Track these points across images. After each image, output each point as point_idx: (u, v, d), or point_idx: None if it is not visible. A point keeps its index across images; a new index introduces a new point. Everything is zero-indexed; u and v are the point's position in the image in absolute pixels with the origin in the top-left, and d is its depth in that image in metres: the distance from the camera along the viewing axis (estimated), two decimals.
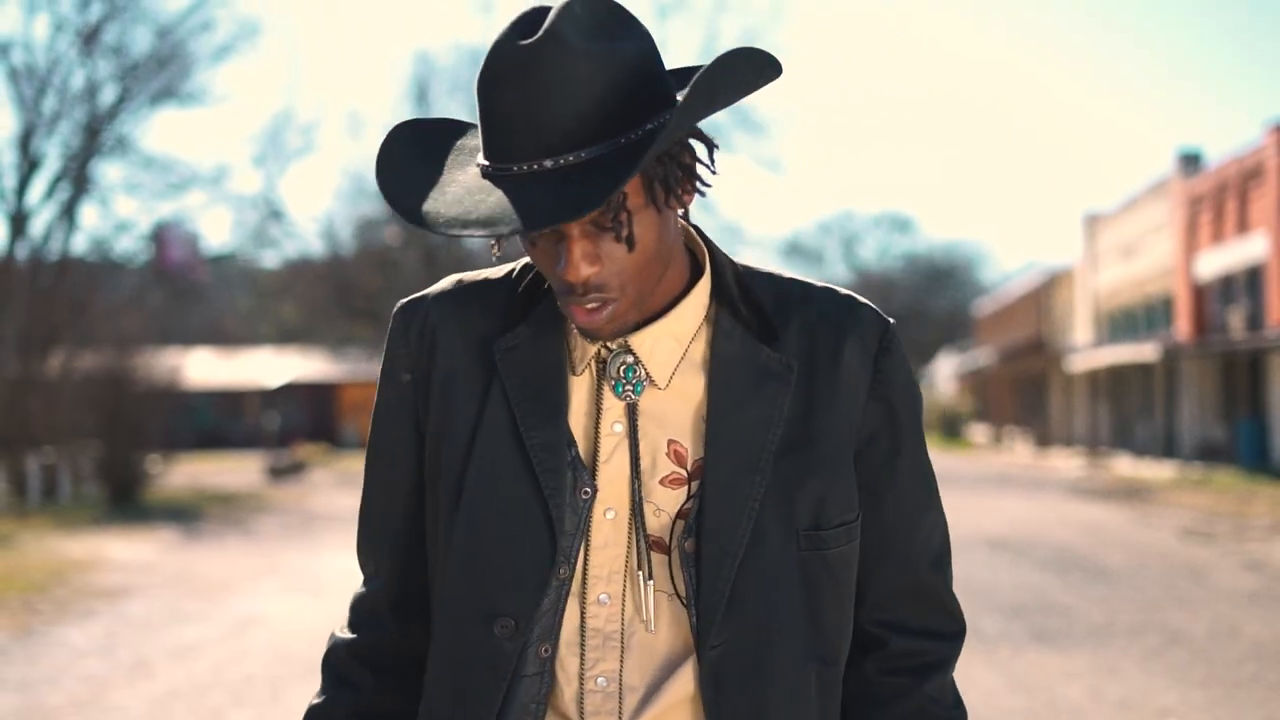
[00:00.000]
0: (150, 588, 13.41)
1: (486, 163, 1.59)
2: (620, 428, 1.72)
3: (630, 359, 1.72)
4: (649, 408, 1.73)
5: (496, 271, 1.83)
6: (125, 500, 24.48)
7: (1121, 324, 42.10)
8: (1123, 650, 9.11)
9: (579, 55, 1.54)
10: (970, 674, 8.15)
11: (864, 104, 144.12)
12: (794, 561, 1.70)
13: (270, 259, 48.00)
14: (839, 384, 1.74)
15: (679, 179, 1.63)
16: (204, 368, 52.15)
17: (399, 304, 1.83)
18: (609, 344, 1.72)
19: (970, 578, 12.41)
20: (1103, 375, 42.90)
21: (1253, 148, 30.97)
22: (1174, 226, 36.47)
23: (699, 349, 1.74)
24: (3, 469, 24.39)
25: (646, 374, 1.72)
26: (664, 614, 1.70)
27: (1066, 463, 38.88)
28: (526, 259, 1.79)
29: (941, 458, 41.81)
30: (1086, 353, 42.17)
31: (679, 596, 1.69)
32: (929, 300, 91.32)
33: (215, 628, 10.89)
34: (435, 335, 1.78)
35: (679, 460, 1.72)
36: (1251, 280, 31.50)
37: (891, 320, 1.81)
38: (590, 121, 1.54)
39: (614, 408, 1.72)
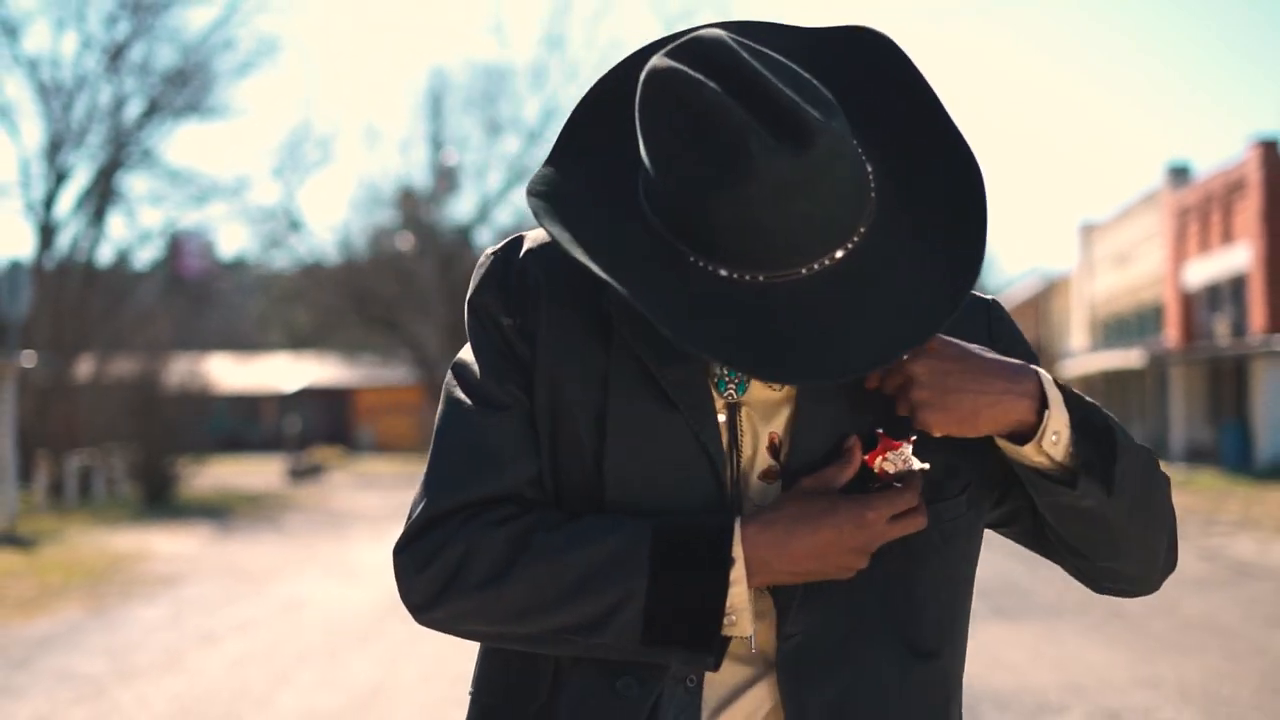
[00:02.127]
0: (201, 575, 14.72)
1: (739, 273, 1.50)
2: (722, 419, 1.63)
3: None
4: (758, 402, 1.64)
5: None
6: (158, 500, 25.79)
7: (1115, 330, 43.37)
8: (1067, 623, 10.40)
9: (846, 147, 1.51)
10: None
11: None
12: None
13: (283, 263, 48.98)
14: None
15: None
16: (222, 373, 53.50)
17: (493, 250, 1.71)
18: None
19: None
20: (1096, 380, 44.14)
21: (1236, 162, 32.24)
22: (1164, 236, 37.74)
23: None
24: (42, 471, 25.70)
25: None
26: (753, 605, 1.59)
27: None
28: None
29: None
30: (1078, 358, 43.43)
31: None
32: None
33: (268, 606, 12.20)
34: (543, 282, 1.65)
35: (774, 452, 1.64)
36: (1236, 289, 32.77)
37: (994, 298, 1.79)
38: (852, 207, 1.52)
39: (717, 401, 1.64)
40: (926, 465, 1.59)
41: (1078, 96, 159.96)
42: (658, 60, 1.51)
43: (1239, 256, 31.90)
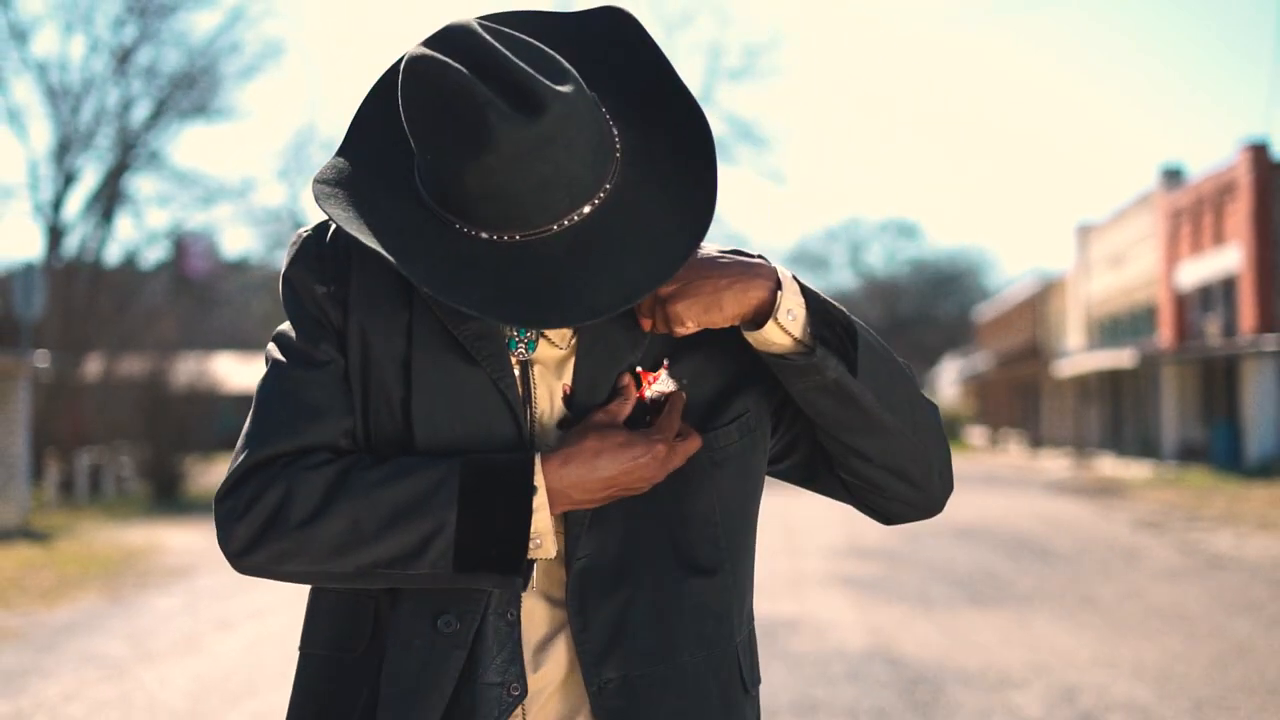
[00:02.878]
0: (212, 567, 15.23)
1: (488, 233, 1.65)
2: (517, 374, 1.77)
3: None
4: (547, 359, 1.79)
5: None
6: (167, 497, 26.29)
7: (1110, 330, 43.86)
8: (1039, 609, 10.93)
9: (582, 110, 1.65)
10: (912, 627, 10.01)
11: (869, 112, 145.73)
12: None
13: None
14: None
15: None
16: (227, 372, 53.84)
17: (304, 230, 1.85)
18: None
19: (932, 557, 14.27)
20: (1092, 379, 44.61)
21: (1227, 164, 32.73)
22: (1157, 238, 38.24)
23: None
24: (52, 468, 26.20)
25: (540, 332, 1.78)
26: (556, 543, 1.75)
27: (1054, 463, 40.65)
28: None
29: None
30: (1073, 358, 43.93)
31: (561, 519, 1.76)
32: (935, 305, 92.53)
33: (279, 595, 12.71)
34: (350, 252, 1.79)
35: (568, 403, 1.79)
36: (1227, 290, 33.28)
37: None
38: (594, 166, 1.67)
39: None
40: (684, 381, 1.80)
41: (1077, 98, 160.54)
42: (413, 49, 1.67)
43: (1230, 258, 32.42)
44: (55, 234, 33.24)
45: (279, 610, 11.77)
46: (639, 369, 1.79)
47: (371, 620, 1.76)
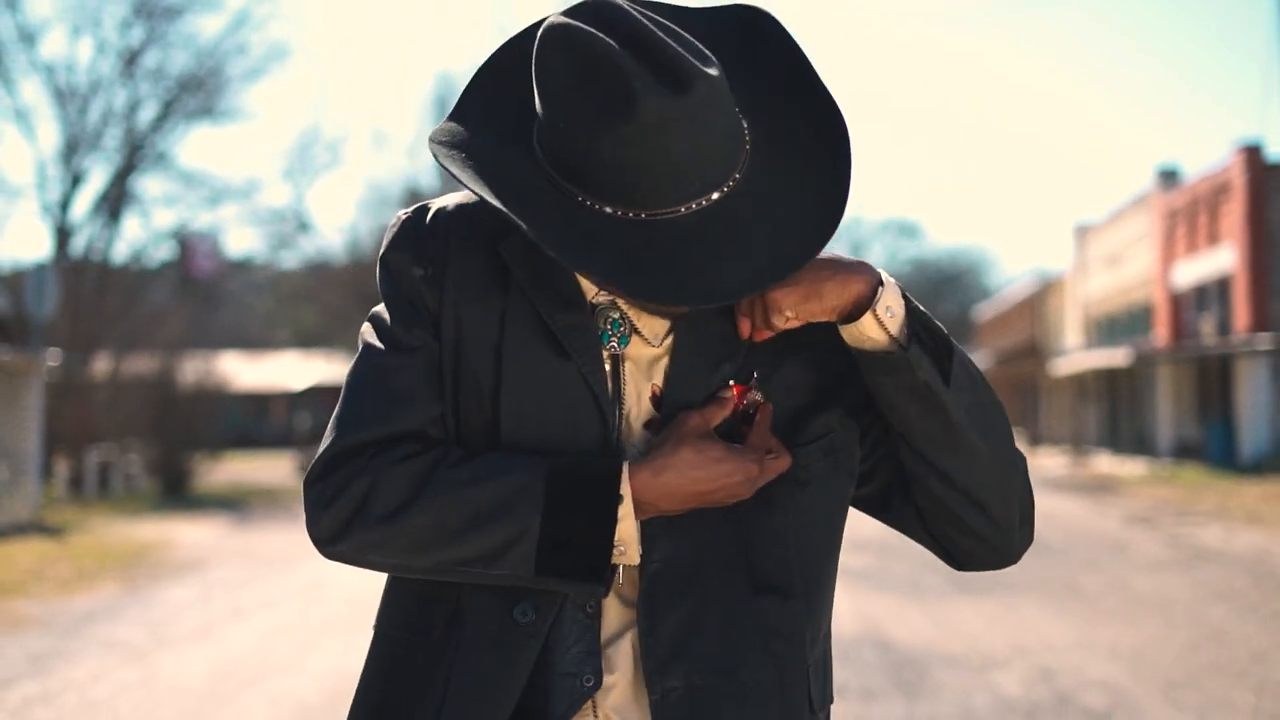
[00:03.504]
0: (223, 560, 15.64)
1: (626, 211, 1.62)
2: (607, 369, 1.76)
3: (616, 314, 1.76)
4: (638, 356, 1.77)
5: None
6: (175, 493, 26.71)
7: (1107, 329, 44.24)
8: (1026, 598, 11.33)
9: (723, 95, 1.64)
10: (902, 614, 10.41)
11: (870, 113, 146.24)
12: None
13: (291, 262, 49.58)
14: (823, 326, 1.79)
15: None
16: (232, 371, 54.26)
17: (404, 212, 1.84)
18: (598, 297, 1.77)
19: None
20: (1089, 378, 44.98)
21: (1222, 166, 33.11)
22: (1153, 238, 38.62)
23: None
24: (61, 465, 26.56)
25: (634, 328, 1.76)
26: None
27: (1052, 460, 41.05)
28: None
29: None
30: (1070, 356, 44.32)
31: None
32: (936, 305, 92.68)
33: (291, 586, 13.13)
34: (449, 237, 1.79)
35: (656, 404, 1.77)
36: (1221, 289, 33.66)
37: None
38: (728, 152, 1.66)
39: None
40: (768, 395, 1.79)
41: (1077, 98, 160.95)
42: (553, 18, 1.65)
43: (1224, 258, 32.80)
44: (63, 234, 33.55)
45: (290, 600, 12.17)
46: (730, 381, 1.77)
47: (450, 605, 1.75)
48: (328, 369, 59.95)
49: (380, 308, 1.81)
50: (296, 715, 7.41)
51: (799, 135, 1.71)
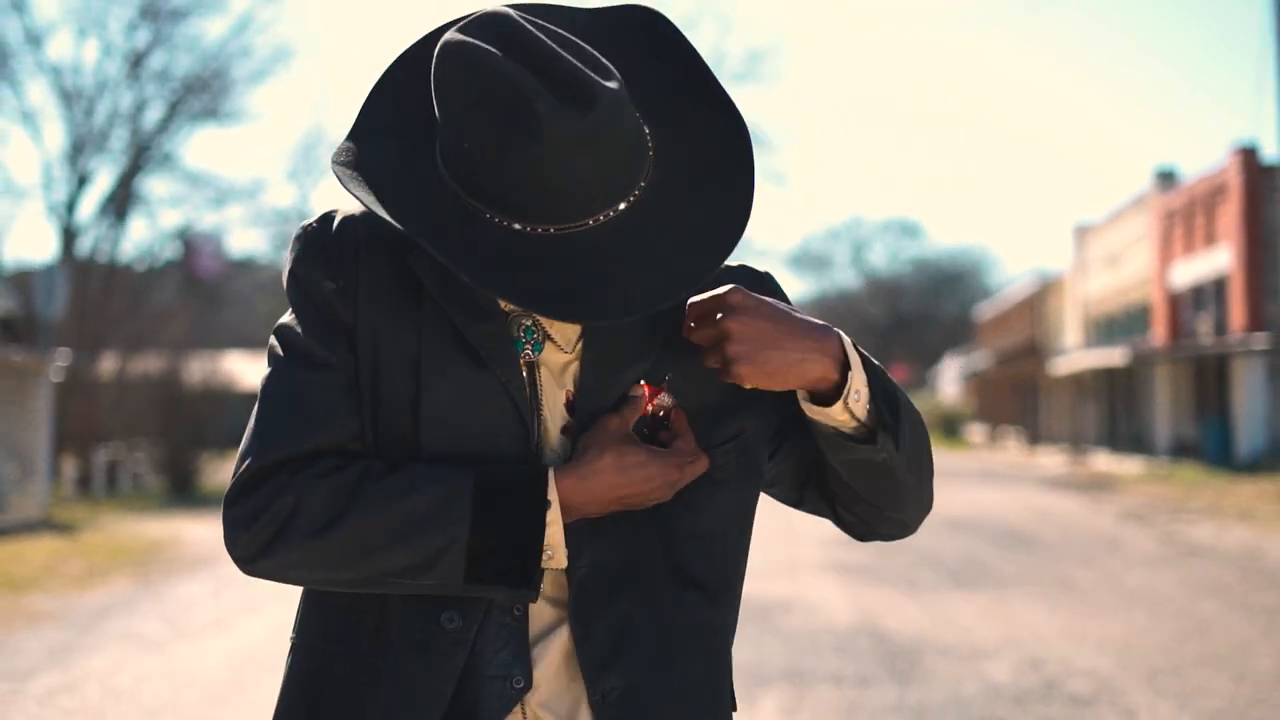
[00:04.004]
0: None
1: (526, 226, 1.62)
2: (524, 375, 1.75)
3: (529, 322, 1.75)
4: (552, 363, 1.77)
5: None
6: (182, 491, 26.98)
7: (1106, 329, 44.53)
8: (1018, 592, 11.63)
9: (625, 108, 1.63)
10: (897, 607, 10.70)
11: (871, 114, 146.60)
12: None
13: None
14: None
15: None
16: (237, 370, 54.40)
17: (308, 222, 1.80)
18: (511, 305, 1.73)
19: (921, 546, 14.93)
20: (1088, 377, 45.27)
21: (1218, 167, 33.40)
22: (1151, 239, 38.92)
23: None
24: (70, 464, 26.82)
25: (546, 334, 1.76)
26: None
27: (1051, 459, 41.36)
28: None
29: (936, 455, 44.24)
30: (1069, 356, 44.62)
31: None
32: (937, 304, 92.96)
33: None
34: (358, 248, 1.75)
35: (571, 410, 1.76)
36: (1218, 290, 33.95)
37: (767, 271, 1.91)
38: (631, 165, 1.65)
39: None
40: (678, 398, 1.78)
41: (1078, 99, 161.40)
42: (450, 35, 1.63)
43: (1220, 258, 33.09)
44: (69, 235, 33.82)
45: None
46: (641, 382, 1.77)
47: (374, 615, 1.74)
48: None
49: (289, 320, 1.77)
50: None
51: (701, 141, 1.72)
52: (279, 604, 11.72)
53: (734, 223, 1.68)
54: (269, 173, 69.73)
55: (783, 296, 1.88)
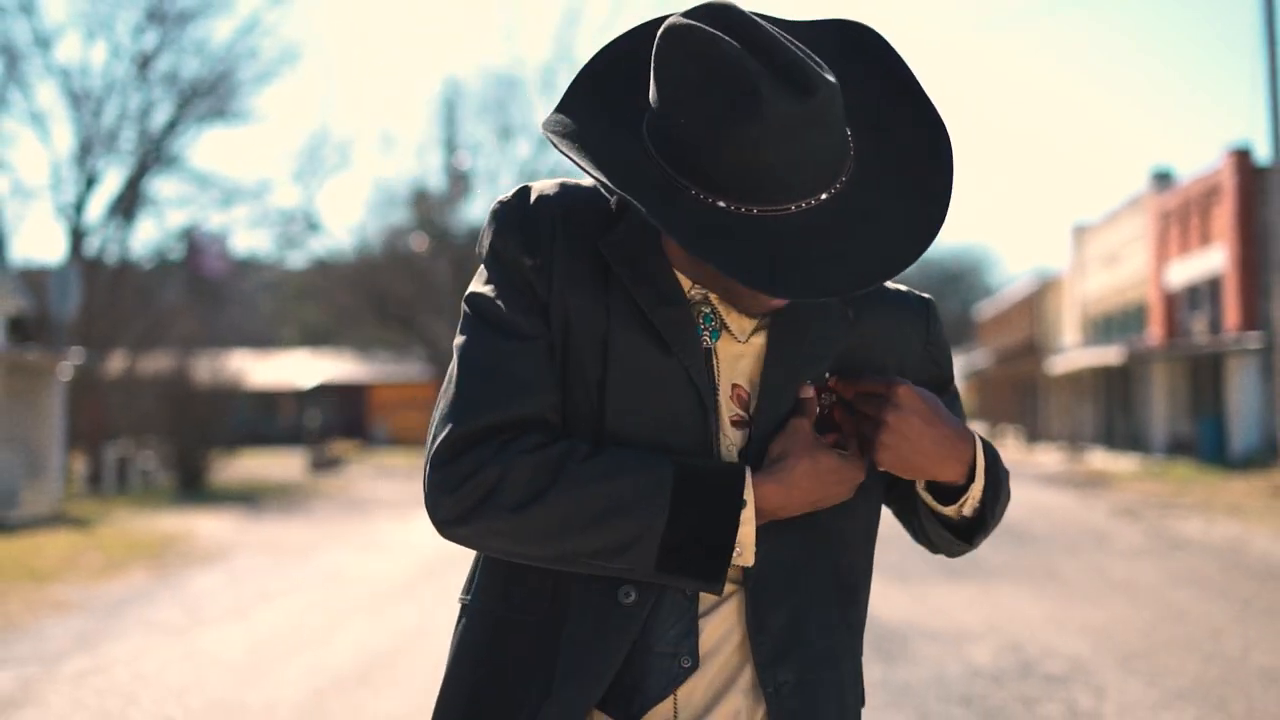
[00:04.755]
0: (246, 550, 16.37)
1: (744, 206, 1.64)
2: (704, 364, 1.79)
3: (709, 309, 1.81)
4: (724, 352, 1.82)
5: (589, 181, 1.87)
6: (191, 487, 27.41)
7: (1104, 328, 44.90)
8: (1005, 582, 12.08)
9: (840, 100, 1.67)
10: (887, 595, 11.13)
11: None
12: None
13: (298, 261, 50.02)
14: (893, 343, 1.93)
15: None
16: (243, 369, 54.70)
17: (504, 199, 1.85)
18: (692, 291, 1.80)
19: (913, 542, 15.36)
20: (1086, 376, 45.65)
21: (1213, 169, 33.82)
22: (1148, 239, 39.32)
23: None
24: (80, 461, 27.26)
25: (723, 323, 1.81)
26: None
27: (1049, 457, 41.74)
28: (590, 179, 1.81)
29: None
30: (1067, 355, 45.02)
31: None
32: (939, 303, 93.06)
33: (313, 573, 13.86)
34: (555, 226, 1.80)
35: (741, 403, 1.81)
36: (1213, 289, 34.37)
37: (930, 297, 2.02)
38: (837, 157, 1.69)
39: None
40: (835, 396, 1.88)
41: (1080, 100, 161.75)
42: (674, 19, 1.67)
43: (1215, 259, 33.51)
44: (77, 235, 34.17)
45: (313, 586, 12.90)
46: (807, 383, 1.84)
47: (551, 583, 1.79)
48: (335, 367, 60.69)
49: (486, 290, 1.82)
50: (331, 683, 8.15)
51: (902, 146, 1.76)
52: (294, 595, 12.18)
53: (930, 219, 1.71)
54: (275, 173, 69.89)
55: (940, 328, 2.03)
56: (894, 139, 1.75)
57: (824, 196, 1.65)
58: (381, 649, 9.33)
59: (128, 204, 34.76)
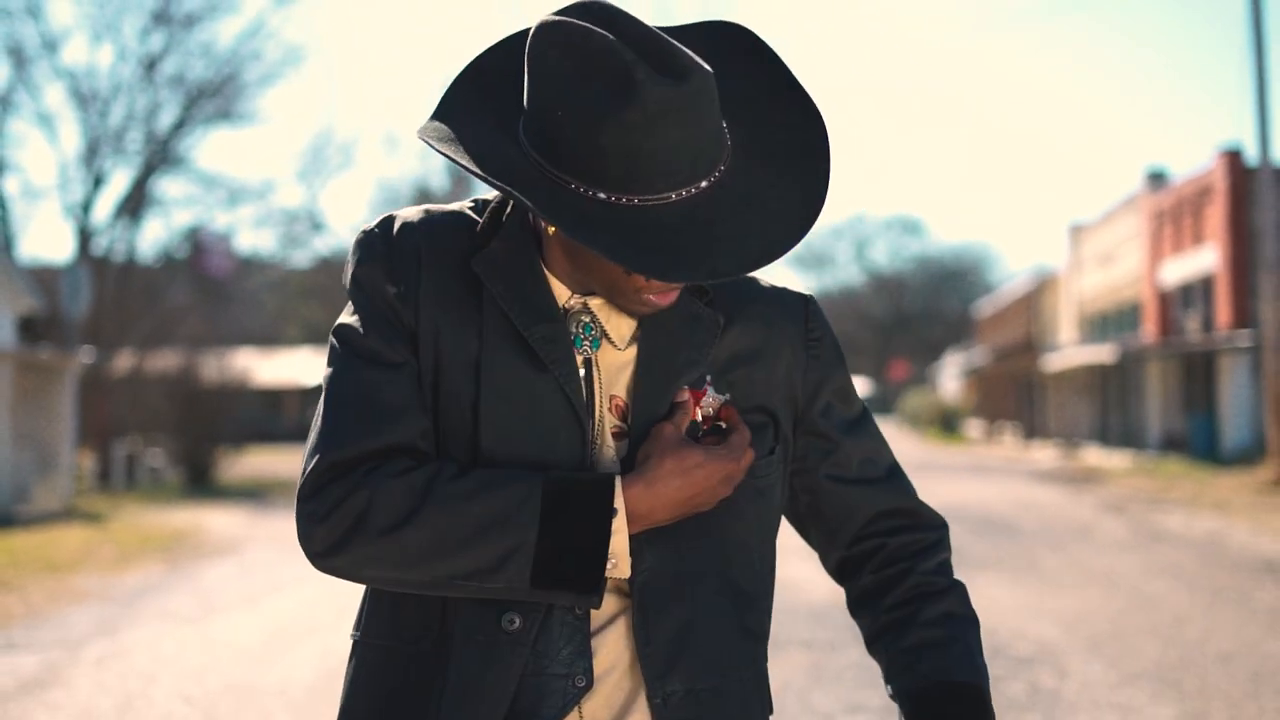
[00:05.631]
0: (255, 543, 16.82)
1: (628, 197, 1.62)
2: (581, 374, 1.79)
3: (587, 319, 1.80)
4: (605, 363, 1.81)
5: (454, 205, 1.88)
6: (199, 484, 27.88)
7: (1100, 326, 45.32)
8: (986, 572, 12.53)
9: (714, 87, 1.66)
10: None
11: (874, 113, 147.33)
12: None
13: (301, 260, 50.31)
14: (770, 343, 1.90)
15: None
16: (249, 367, 55.06)
17: (368, 227, 1.83)
18: (570, 302, 1.80)
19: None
20: (1081, 374, 46.06)
21: (1205, 169, 34.27)
22: (1142, 238, 39.76)
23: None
24: (89, 457, 27.67)
25: (603, 331, 1.81)
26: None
27: (1044, 454, 42.21)
28: (471, 200, 1.88)
29: (933, 451, 45.28)
30: (1062, 353, 45.46)
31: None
32: (939, 301, 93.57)
33: None
34: (419, 253, 1.79)
35: (620, 414, 1.81)
36: (1205, 288, 34.82)
37: (810, 293, 1.99)
38: (717, 144, 1.68)
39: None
40: (727, 395, 1.85)
41: (1078, 99, 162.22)
42: (546, 17, 1.67)
43: (1207, 258, 33.96)
44: (85, 234, 34.57)
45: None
46: (685, 388, 1.82)
47: (437, 614, 1.77)
48: None
49: (352, 320, 1.81)
50: (341, 665, 8.56)
51: (778, 136, 1.76)
52: (304, 586, 12.63)
53: (810, 206, 1.72)
54: (279, 173, 70.30)
55: (823, 320, 1.99)
56: (771, 129, 1.76)
57: (704, 184, 1.66)
58: None
59: (134, 204, 35.13)
